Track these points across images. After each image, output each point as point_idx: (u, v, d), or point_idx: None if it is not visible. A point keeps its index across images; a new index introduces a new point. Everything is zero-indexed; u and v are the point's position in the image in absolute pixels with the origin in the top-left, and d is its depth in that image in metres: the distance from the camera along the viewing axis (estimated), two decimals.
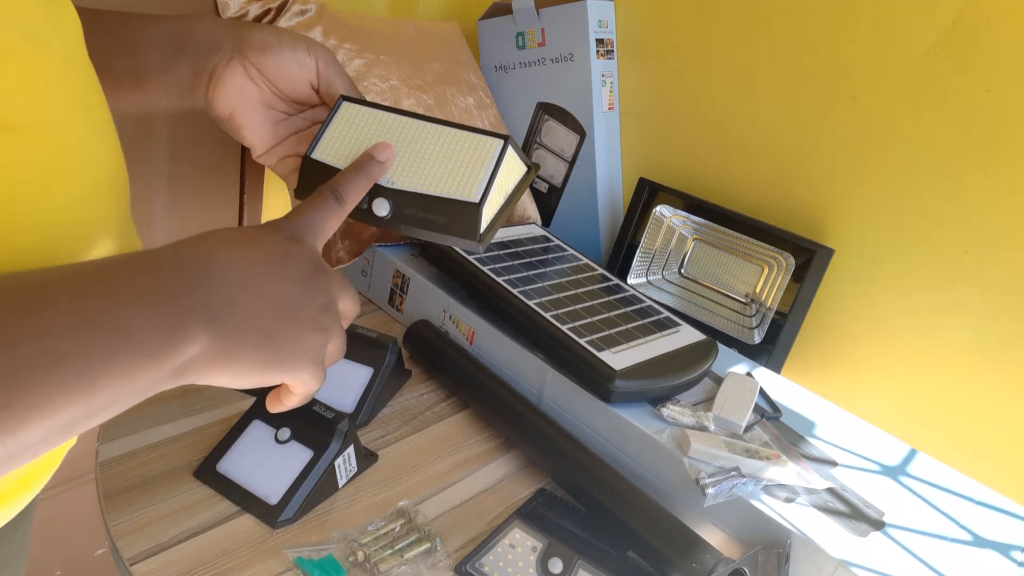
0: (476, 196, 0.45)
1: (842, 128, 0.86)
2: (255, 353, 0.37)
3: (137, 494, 0.58)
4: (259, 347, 0.37)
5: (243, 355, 0.37)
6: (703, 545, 0.59)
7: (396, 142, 0.47)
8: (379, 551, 0.56)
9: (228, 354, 0.36)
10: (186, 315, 0.34)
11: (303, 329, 0.39)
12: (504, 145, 0.46)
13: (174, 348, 0.33)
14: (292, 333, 0.39)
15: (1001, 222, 0.76)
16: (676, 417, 0.71)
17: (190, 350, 0.34)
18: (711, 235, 0.96)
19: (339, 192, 0.45)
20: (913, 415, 0.85)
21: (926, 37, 0.78)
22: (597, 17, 1.02)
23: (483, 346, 0.81)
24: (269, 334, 0.38)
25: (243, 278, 0.37)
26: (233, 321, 0.36)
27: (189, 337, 0.34)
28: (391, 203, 0.46)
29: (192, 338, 0.34)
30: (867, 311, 0.87)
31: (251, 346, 0.37)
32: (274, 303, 0.38)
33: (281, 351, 0.38)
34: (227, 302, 0.36)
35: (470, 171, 0.46)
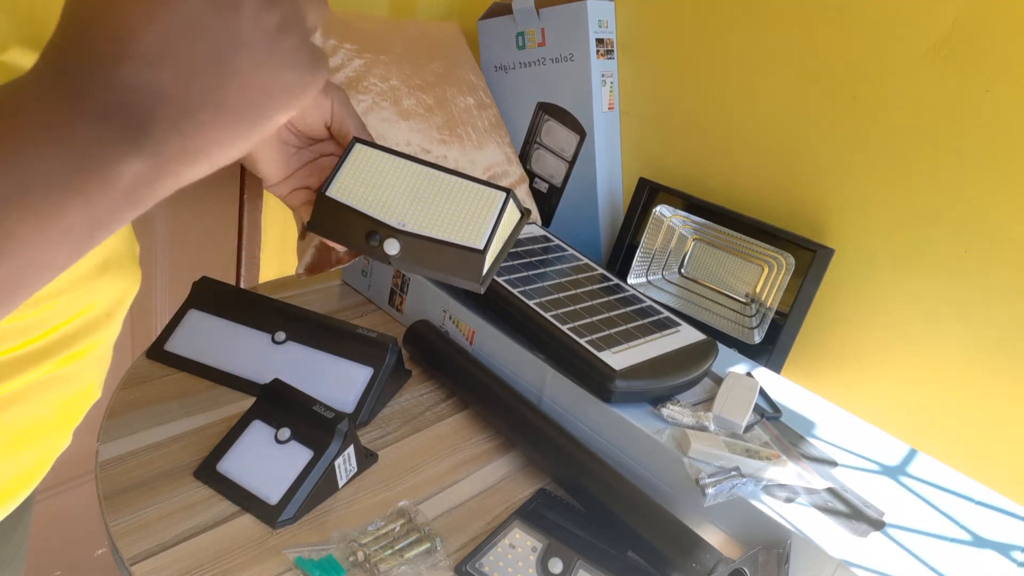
0: (481, 243, 0.49)
1: (842, 128, 0.86)
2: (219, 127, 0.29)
3: (137, 494, 0.58)
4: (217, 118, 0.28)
5: (205, 140, 0.28)
6: (703, 545, 0.59)
7: (406, 187, 0.51)
8: (379, 551, 0.56)
9: (184, 152, 0.28)
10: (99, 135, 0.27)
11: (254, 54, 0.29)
12: (506, 199, 0.50)
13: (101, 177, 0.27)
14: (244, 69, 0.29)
15: (1001, 222, 0.76)
16: (676, 417, 0.71)
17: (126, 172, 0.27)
18: (711, 235, 0.96)
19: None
20: (913, 415, 0.85)
21: (926, 37, 0.78)
22: (597, 17, 1.02)
23: (483, 346, 0.81)
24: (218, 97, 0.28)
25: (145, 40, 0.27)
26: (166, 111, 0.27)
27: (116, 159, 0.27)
28: (401, 244, 0.48)
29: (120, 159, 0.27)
30: (867, 311, 0.87)
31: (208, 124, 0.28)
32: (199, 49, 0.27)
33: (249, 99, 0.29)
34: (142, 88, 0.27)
35: (476, 220, 0.49)
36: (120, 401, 0.68)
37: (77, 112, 0.27)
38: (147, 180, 0.28)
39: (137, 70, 0.27)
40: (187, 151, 0.28)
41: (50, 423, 0.45)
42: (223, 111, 0.28)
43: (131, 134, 0.27)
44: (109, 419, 0.66)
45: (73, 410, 0.47)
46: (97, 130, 0.27)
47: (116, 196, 0.27)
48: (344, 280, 0.99)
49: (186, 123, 0.28)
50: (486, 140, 1.05)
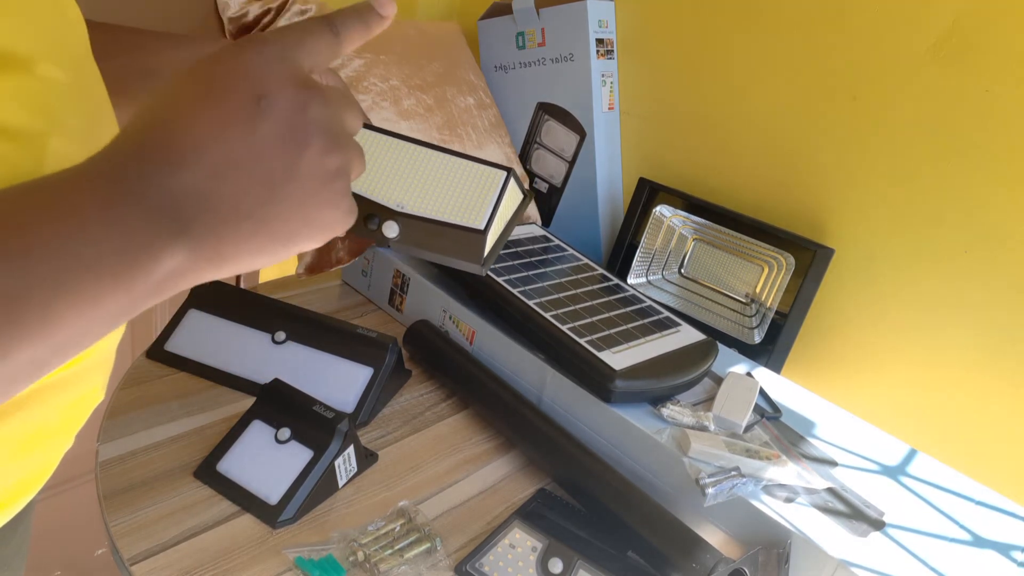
0: (481, 223, 0.48)
1: (842, 128, 0.86)
2: (252, 242, 0.31)
3: (137, 494, 0.58)
4: (255, 234, 0.31)
5: (237, 250, 0.31)
6: (703, 545, 0.59)
7: (407, 168, 0.50)
8: (379, 551, 0.56)
9: (217, 255, 0.30)
10: (147, 228, 0.28)
11: (307, 189, 0.31)
12: (507, 177, 0.49)
13: (143, 268, 0.29)
14: (295, 199, 0.31)
15: (1001, 222, 0.76)
16: (676, 417, 0.71)
17: (164, 265, 0.29)
18: (711, 235, 0.96)
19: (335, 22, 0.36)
20: (913, 415, 0.85)
21: (926, 37, 0.78)
22: (597, 17, 1.02)
23: (483, 346, 0.81)
24: (263, 215, 0.30)
25: (210, 154, 0.29)
26: (210, 217, 0.29)
27: (159, 252, 0.29)
28: (400, 226, 0.47)
29: (163, 252, 0.29)
30: (867, 311, 0.87)
31: (244, 237, 0.30)
32: (259, 172, 0.30)
33: (288, 225, 0.31)
34: (196, 194, 0.29)
35: (476, 200, 0.49)
36: (120, 401, 0.68)
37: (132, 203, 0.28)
38: (178, 274, 0.30)
39: (195, 177, 0.29)
40: (219, 255, 0.30)
41: (56, 426, 0.45)
42: (261, 229, 0.31)
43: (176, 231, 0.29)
44: (109, 419, 0.66)
45: (78, 412, 0.47)
46: (147, 223, 0.28)
47: (150, 286, 0.29)
48: (344, 280, 0.99)
49: (225, 230, 0.30)
50: (486, 140, 1.05)
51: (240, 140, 0.30)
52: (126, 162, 0.29)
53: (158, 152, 0.29)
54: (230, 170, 0.30)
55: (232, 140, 0.29)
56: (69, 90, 0.37)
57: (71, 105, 0.37)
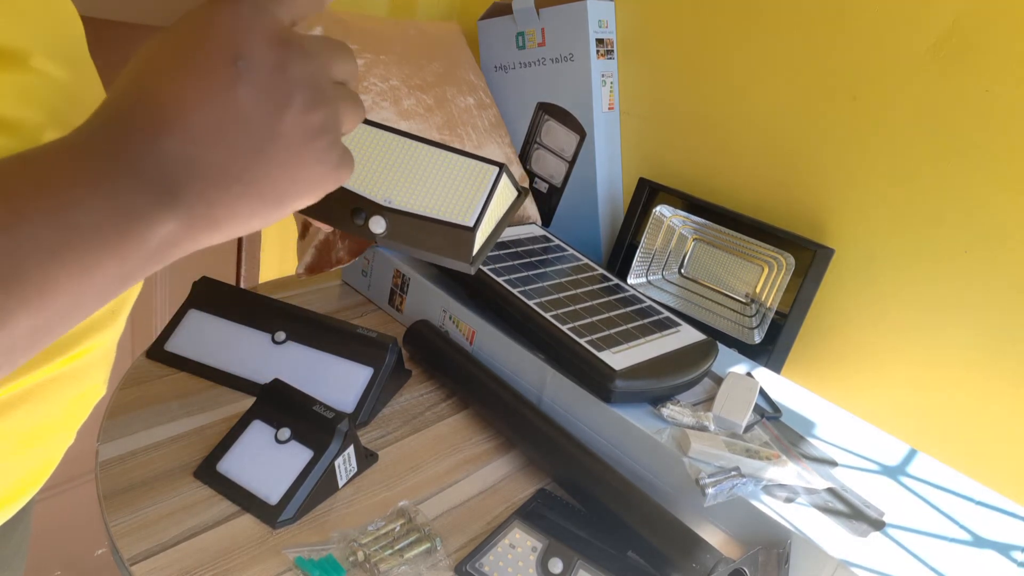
0: (471, 221, 0.46)
1: (842, 128, 0.86)
2: (244, 204, 0.31)
3: (137, 494, 0.58)
4: (244, 196, 0.31)
5: (230, 213, 0.31)
6: (703, 545, 0.59)
7: (396, 162, 0.48)
8: (379, 551, 0.56)
9: (210, 219, 0.31)
10: (137, 197, 0.29)
11: (291, 147, 0.31)
12: (499, 173, 0.48)
13: (136, 236, 0.29)
14: (280, 159, 0.31)
15: (1001, 222, 0.76)
16: (676, 417, 0.71)
17: (157, 233, 0.30)
18: (711, 235, 0.96)
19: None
20: (913, 415, 0.85)
21: (926, 37, 0.78)
22: (597, 17, 1.02)
23: (483, 346, 0.81)
24: (250, 176, 0.31)
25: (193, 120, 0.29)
26: (199, 182, 0.30)
27: (151, 220, 0.29)
28: (387, 221, 0.46)
29: (155, 220, 0.29)
30: (867, 311, 0.87)
31: (234, 199, 0.31)
32: (242, 135, 0.30)
33: (276, 186, 0.32)
34: (182, 160, 0.29)
35: (465, 196, 0.47)
36: (120, 401, 0.68)
37: (122, 172, 0.29)
38: (173, 241, 0.30)
39: (180, 143, 0.29)
40: (211, 220, 0.31)
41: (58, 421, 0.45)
42: (250, 191, 0.31)
43: (166, 198, 0.29)
44: (109, 419, 0.66)
45: (80, 408, 0.47)
46: (137, 191, 0.29)
47: (145, 254, 0.30)
48: (344, 280, 0.99)
49: (215, 195, 0.30)
50: (486, 140, 1.05)
51: (220, 104, 0.30)
52: (112, 132, 0.29)
53: (141, 120, 0.29)
54: (213, 134, 0.30)
55: (213, 104, 0.30)
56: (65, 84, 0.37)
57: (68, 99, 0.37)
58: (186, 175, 0.30)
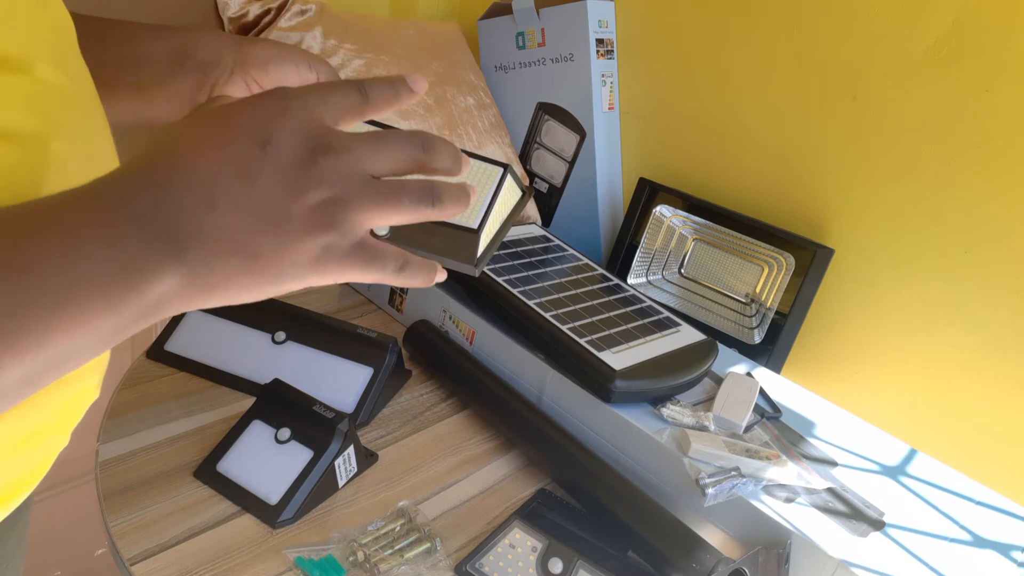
0: (475, 223, 0.46)
1: (842, 128, 0.86)
2: (241, 276, 0.32)
3: (137, 494, 0.58)
4: (244, 269, 0.31)
5: (227, 281, 0.32)
6: (703, 545, 0.59)
7: None
8: (379, 551, 0.56)
9: (208, 283, 0.31)
10: (144, 249, 0.29)
11: (292, 234, 0.32)
12: (503, 174, 0.47)
13: (136, 290, 0.29)
14: (284, 241, 0.32)
15: (1001, 222, 0.76)
16: (676, 417, 0.71)
17: (157, 288, 0.30)
18: (711, 235, 0.96)
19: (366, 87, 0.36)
20: (913, 415, 0.85)
21: (926, 37, 0.78)
22: (597, 17, 1.02)
23: (483, 346, 0.81)
24: (253, 251, 0.31)
25: (211, 187, 0.30)
26: (205, 245, 0.30)
27: (153, 274, 0.30)
28: None
29: (157, 275, 0.30)
30: (867, 311, 0.87)
31: (233, 269, 0.31)
32: (252, 211, 0.31)
33: (271, 265, 0.32)
34: (194, 222, 0.30)
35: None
36: (120, 401, 0.68)
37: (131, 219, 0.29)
38: (168, 298, 0.31)
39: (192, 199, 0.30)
40: (209, 285, 0.31)
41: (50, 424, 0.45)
42: (250, 265, 0.32)
43: (172, 251, 0.30)
44: (109, 419, 0.66)
45: (73, 410, 0.47)
46: (143, 244, 0.29)
47: (141, 309, 0.30)
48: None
49: (217, 261, 0.31)
50: (486, 140, 1.05)
51: (240, 177, 0.31)
52: (128, 184, 0.30)
53: (160, 176, 0.30)
54: (227, 203, 0.31)
55: (232, 176, 0.31)
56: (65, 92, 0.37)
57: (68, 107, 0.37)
58: (194, 232, 0.30)
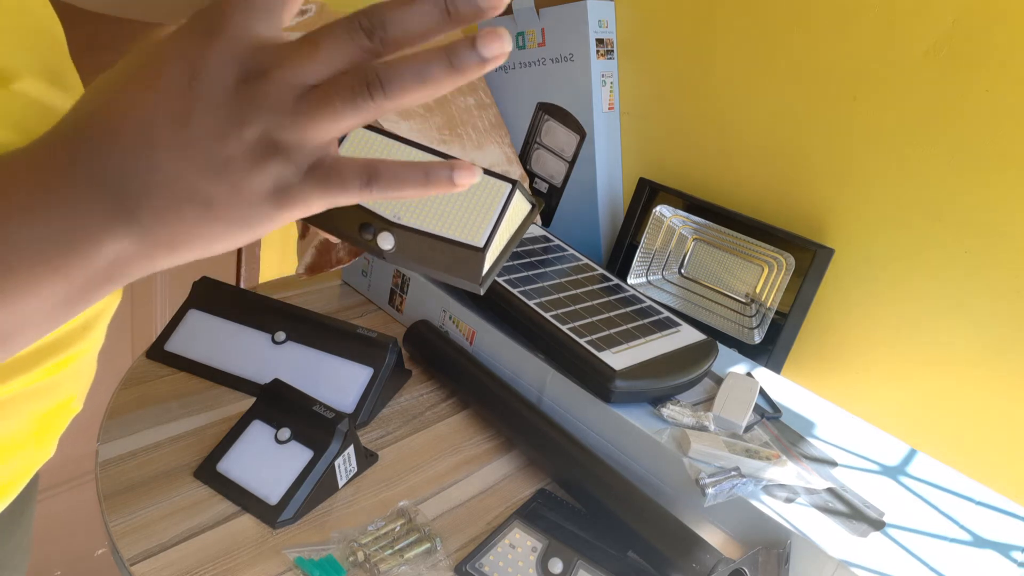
0: (481, 241, 0.45)
1: (842, 128, 0.86)
2: (201, 226, 0.29)
3: (137, 494, 0.58)
4: (201, 218, 0.29)
5: (187, 234, 0.29)
6: (703, 545, 0.59)
7: None
8: (379, 551, 0.56)
9: (166, 239, 0.29)
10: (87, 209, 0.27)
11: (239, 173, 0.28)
12: (512, 190, 0.46)
13: (81, 253, 0.28)
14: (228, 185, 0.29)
15: (1001, 222, 0.76)
16: (676, 417, 0.71)
17: (107, 250, 0.28)
18: (711, 235, 0.96)
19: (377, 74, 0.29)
20: (913, 415, 0.85)
21: (926, 38, 0.78)
22: (597, 17, 1.02)
23: (483, 346, 0.81)
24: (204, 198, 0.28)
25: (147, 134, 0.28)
26: (154, 199, 0.28)
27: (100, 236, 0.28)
28: (395, 238, 0.45)
29: (105, 236, 0.28)
30: (867, 311, 0.87)
31: (190, 221, 0.29)
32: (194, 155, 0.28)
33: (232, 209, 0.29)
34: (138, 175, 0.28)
35: (477, 214, 0.46)
36: (120, 401, 0.68)
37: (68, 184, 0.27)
38: (126, 261, 0.29)
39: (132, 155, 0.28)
40: (169, 241, 0.29)
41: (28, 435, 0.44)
42: (206, 214, 0.29)
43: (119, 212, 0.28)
44: (109, 419, 0.66)
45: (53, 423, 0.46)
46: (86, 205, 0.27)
47: (93, 273, 0.28)
48: (344, 280, 0.99)
49: (170, 215, 0.28)
50: (486, 140, 1.05)
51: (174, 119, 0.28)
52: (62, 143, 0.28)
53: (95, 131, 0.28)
54: (166, 149, 0.28)
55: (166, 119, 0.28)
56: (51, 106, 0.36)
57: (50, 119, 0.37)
58: (141, 190, 0.28)
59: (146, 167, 0.28)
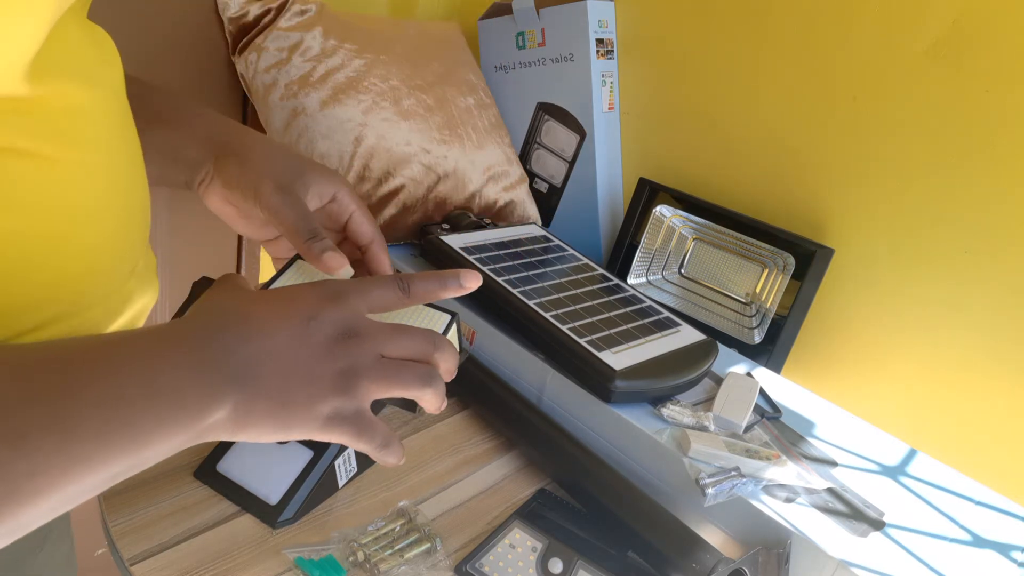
0: None
1: (842, 128, 0.86)
2: (268, 418, 0.39)
3: (137, 494, 0.58)
4: (272, 412, 0.39)
5: (258, 419, 0.38)
6: (703, 545, 0.59)
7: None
8: (379, 551, 0.56)
9: (246, 418, 0.38)
10: (216, 383, 0.37)
11: (316, 393, 0.40)
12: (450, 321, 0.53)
13: (208, 412, 0.36)
14: (304, 395, 0.39)
15: (1001, 222, 0.76)
16: (676, 417, 0.71)
17: (214, 416, 0.36)
18: (711, 235, 0.96)
19: (408, 284, 0.46)
20: (913, 415, 0.85)
21: (926, 37, 0.78)
22: (597, 17, 1.02)
23: (483, 346, 0.81)
24: (285, 399, 0.39)
25: (269, 346, 0.39)
26: (255, 387, 0.38)
27: (220, 401, 0.37)
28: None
29: (222, 402, 0.37)
30: (867, 311, 0.87)
31: (265, 411, 0.38)
32: (291, 368, 0.39)
33: (291, 415, 0.39)
34: (253, 367, 0.38)
35: None
36: None
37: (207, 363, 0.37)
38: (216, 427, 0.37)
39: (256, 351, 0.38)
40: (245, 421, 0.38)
41: None
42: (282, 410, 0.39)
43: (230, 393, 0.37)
44: None
45: None
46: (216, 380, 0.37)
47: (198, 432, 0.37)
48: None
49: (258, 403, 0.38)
50: (486, 140, 1.05)
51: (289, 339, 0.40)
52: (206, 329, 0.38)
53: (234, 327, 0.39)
54: (276, 360, 0.39)
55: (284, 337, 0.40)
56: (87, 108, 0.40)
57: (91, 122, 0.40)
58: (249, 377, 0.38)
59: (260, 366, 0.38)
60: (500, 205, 1.06)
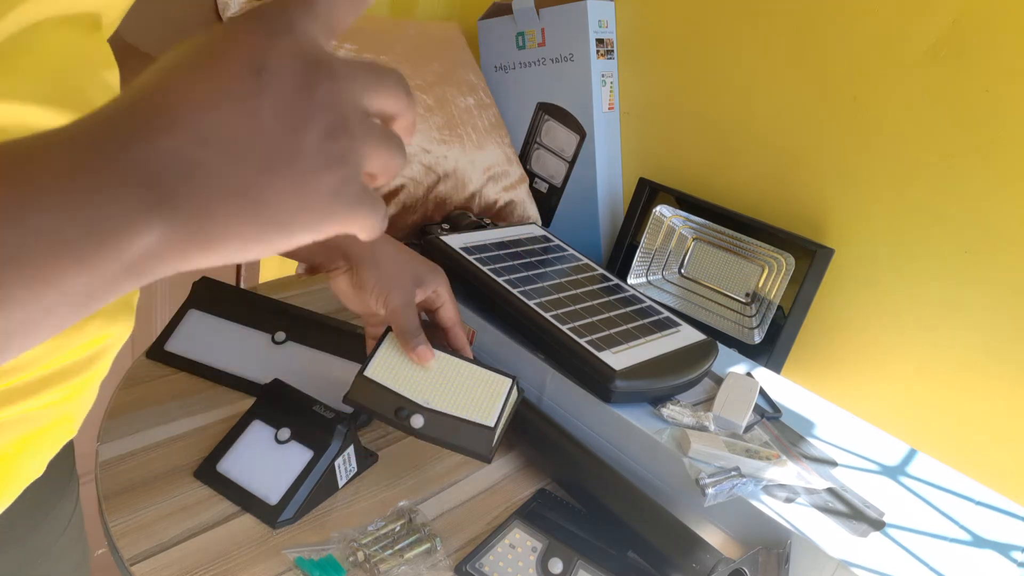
0: (492, 421, 0.59)
1: (842, 128, 0.86)
2: (245, 223, 0.28)
3: (137, 494, 0.58)
4: (245, 213, 0.28)
5: (229, 231, 0.28)
6: (703, 545, 0.59)
7: (433, 371, 0.62)
8: (379, 551, 0.56)
9: (205, 233, 0.27)
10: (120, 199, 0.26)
11: (306, 171, 0.28)
12: (512, 384, 0.63)
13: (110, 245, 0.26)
14: (291, 180, 0.28)
15: (1001, 222, 0.76)
16: (676, 417, 0.70)
17: (138, 243, 0.26)
18: (711, 235, 0.96)
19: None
20: (913, 415, 0.85)
21: (926, 38, 0.78)
22: (597, 17, 1.02)
23: (483, 346, 0.81)
24: (256, 193, 0.27)
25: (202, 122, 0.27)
26: (199, 190, 0.27)
27: (131, 227, 0.26)
28: (425, 419, 0.58)
29: (136, 228, 0.26)
30: (867, 311, 0.87)
31: (236, 215, 0.27)
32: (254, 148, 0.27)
33: (281, 209, 0.28)
34: (184, 163, 0.26)
35: (487, 400, 0.61)
36: (120, 401, 0.68)
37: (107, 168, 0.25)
38: (156, 254, 0.27)
39: (183, 144, 0.26)
40: (207, 235, 0.27)
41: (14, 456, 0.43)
42: (254, 210, 0.28)
43: (155, 202, 0.26)
44: (109, 419, 0.66)
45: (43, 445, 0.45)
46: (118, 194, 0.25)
47: (120, 267, 0.26)
48: None
49: (215, 207, 0.27)
50: (486, 140, 1.05)
51: (236, 110, 0.27)
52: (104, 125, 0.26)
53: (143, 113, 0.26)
54: (222, 141, 0.27)
55: (227, 109, 0.27)
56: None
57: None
58: (184, 180, 0.26)
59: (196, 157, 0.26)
60: (500, 205, 1.06)
